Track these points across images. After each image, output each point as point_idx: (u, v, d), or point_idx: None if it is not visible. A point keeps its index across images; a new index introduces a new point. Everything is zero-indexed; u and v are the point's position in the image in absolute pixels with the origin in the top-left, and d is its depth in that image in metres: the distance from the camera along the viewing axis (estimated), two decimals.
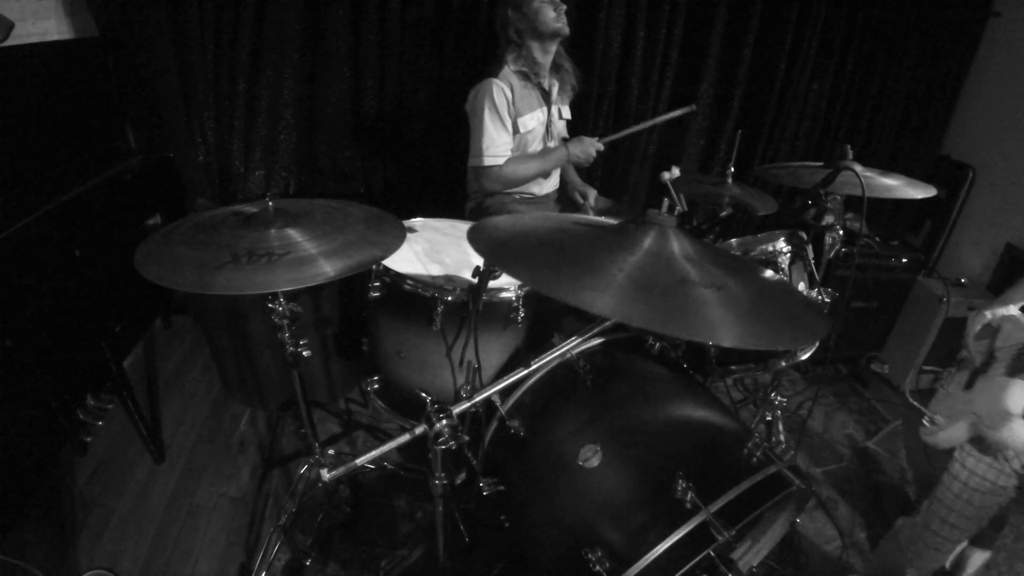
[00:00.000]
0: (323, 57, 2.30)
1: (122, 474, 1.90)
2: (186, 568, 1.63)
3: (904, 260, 2.66)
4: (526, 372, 1.19)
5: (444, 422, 1.01)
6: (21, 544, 1.56)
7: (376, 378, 1.69)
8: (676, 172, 1.76)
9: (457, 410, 1.05)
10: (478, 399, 1.10)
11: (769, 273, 1.16)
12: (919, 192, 1.57)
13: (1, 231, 1.44)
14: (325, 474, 1.05)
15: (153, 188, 2.26)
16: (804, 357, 1.68)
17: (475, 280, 1.32)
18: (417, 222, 1.87)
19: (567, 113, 2.26)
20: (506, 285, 1.49)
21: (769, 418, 1.85)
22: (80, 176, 1.85)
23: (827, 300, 1.69)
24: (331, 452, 1.80)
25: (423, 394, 1.13)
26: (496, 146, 1.97)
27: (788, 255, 1.66)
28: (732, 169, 1.93)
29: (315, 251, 1.18)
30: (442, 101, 2.45)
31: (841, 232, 1.66)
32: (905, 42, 2.75)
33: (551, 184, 2.29)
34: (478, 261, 1.25)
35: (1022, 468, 1.32)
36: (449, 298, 1.45)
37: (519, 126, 2.02)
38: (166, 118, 2.19)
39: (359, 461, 1.03)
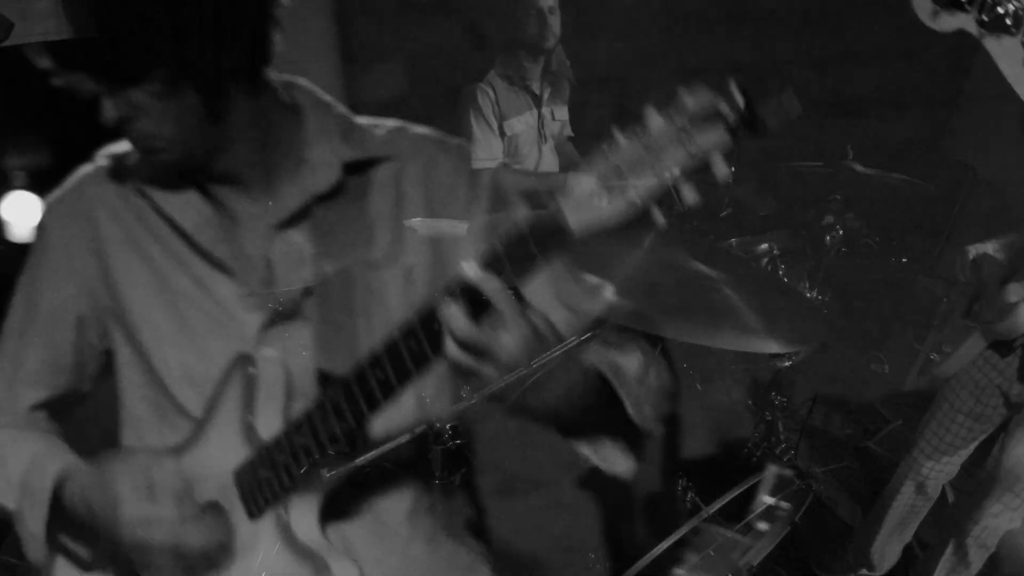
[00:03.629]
0: None
1: None
2: None
3: (904, 260, 2.66)
4: (526, 372, 1.19)
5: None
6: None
7: None
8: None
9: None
10: (477, 399, 1.10)
11: (768, 273, 1.16)
12: (919, 192, 1.57)
13: None
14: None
15: None
16: (804, 357, 1.69)
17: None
18: (417, 222, 1.87)
19: (562, 114, 2.24)
20: None
21: (769, 418, 1.85)
22: None
23: (827, 300, 1.69)
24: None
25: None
26: (486, 150, 1.98)
27: (788, 255, 1.66)
28: (732, 169, 1.93)
29: None
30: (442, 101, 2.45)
31: (841, 232, 1.66)
32: (905, 42, 2.75)
33: None
34: None
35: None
36: None
37: (505, 128, 2.02)
38: None
39: (359, 461, 1.02)
